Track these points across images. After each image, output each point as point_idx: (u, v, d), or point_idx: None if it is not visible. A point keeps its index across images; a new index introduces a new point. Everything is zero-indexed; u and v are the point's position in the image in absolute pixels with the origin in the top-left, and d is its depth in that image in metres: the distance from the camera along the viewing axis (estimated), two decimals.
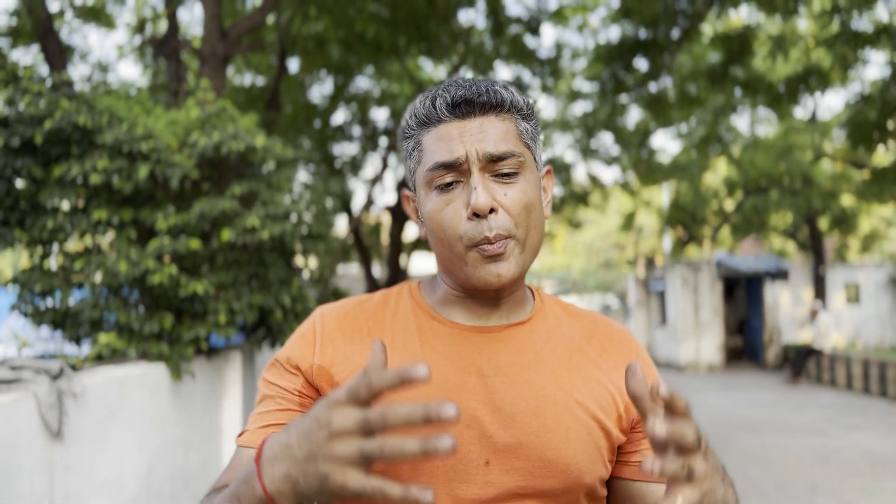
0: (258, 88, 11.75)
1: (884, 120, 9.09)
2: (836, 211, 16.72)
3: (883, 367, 11.59)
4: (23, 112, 4.47)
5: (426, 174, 0.95)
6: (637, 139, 14.97)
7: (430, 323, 1.00)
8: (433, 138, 0.95)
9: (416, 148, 0.98)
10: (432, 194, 0.95)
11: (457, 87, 0.95)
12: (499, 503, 0.90)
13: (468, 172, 0.93)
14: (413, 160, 0.99)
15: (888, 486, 6.01)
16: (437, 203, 0.94)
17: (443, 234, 0.94)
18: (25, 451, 3.13)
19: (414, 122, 0.97)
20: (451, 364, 0.95)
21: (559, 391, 0.95)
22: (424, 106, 0.96)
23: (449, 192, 0.94)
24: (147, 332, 4.50)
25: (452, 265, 0.96)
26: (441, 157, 0.93)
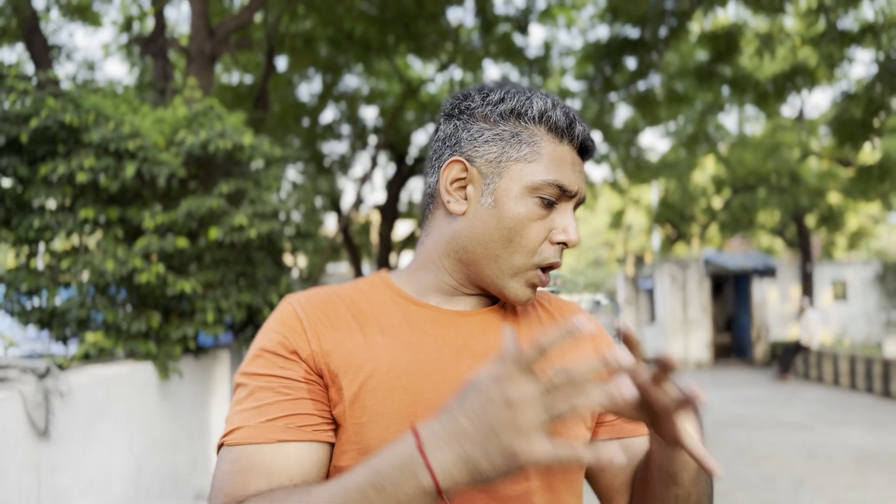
0: (246, 87, 11.72)
1: (869, 118, 9.15)
2: (824, 209, 16.84)
3: (869, 364, 11.68)
4: (8, 111, 4.45)
5: (539, 182, 0.95)
6: (625, 137, 15.02)
7: (414, 309, 1.00)
8: (556, 153, 0.97)
9: (528, 141, 0.97)
10: (531, 201, 0.96)
11: (585, 126, 0.99)
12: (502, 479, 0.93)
13: (567, 204, 0.99)
14: (515, 151, 0.96)
15: (873, 480, 6.07)
16: (533, 212, 0.96)
17: (520, 240, 0.96)
18: (12, 450, 3.12)
19: (538, 119, 0.97)
20: (446, 346, 0.97)
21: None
22: (560, 118, 0.97)
23: (547, 209, 0.97)
24: (134, 331, 4.49)
25: (497, 268, 0.97)
26: (564, 181, 0.96)
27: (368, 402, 0.91)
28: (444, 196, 0.99)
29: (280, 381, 0.91)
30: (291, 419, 0.89)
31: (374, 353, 0.93)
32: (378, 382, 0.91)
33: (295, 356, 0.92)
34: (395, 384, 0.92)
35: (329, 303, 0.99)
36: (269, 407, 0.89)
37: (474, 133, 0.99)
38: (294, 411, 0.89)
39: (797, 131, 15.27)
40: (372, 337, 0.95)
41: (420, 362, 0.94)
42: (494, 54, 11.38)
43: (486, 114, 0.98)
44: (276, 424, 0.88)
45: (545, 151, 0.96)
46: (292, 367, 0.92)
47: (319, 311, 0.97)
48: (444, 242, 1.01)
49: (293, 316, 0.96)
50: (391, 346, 0.94)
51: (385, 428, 0.89)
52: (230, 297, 4.92)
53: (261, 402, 0.89)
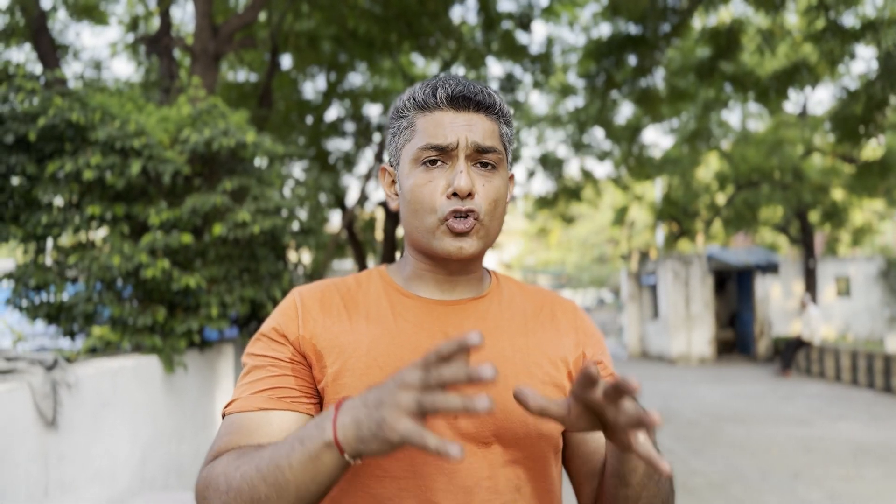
0: (250, 85, 11.80)
1: (870, 114, 9.19)
2: (827, 205, 16.83)
3: (870, 359, 11.72)
4: (16, 109, 4.54)
5: (416, 151, 1.05)
6: (628, 134, 15.06)
7: (400, 298, 1.11)
8: (428, 122, 1.05)
9: (408, 127, 1.08)
10: (417, 170, 1.05)
11: (456, 83, 1.06)
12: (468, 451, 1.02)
13: (455, 158, 1.04)
14: (402, 137, 1.09)
15: (869, 474, 6.13)
16: (420, 178, 1.05)
17: (419, 206, 1.05)
18: (20, 440, 3.22)
19: (411, 105, 1.08)
20: (423, 332, 1.07)
21: (517, 353, 1.08)
22: (424, 93, 1.06)
23: (433, 169, 1.05)
24: (140, 325, 4.59)
25: (421, 236, 1.07)
26: (434, 140, 1.04)
27: (347, 380, 1.02)
28: (387, 199, 1.14)
29: (269, 360, 1.05)
30: (274, 391, 1.02)
31: (356, 336, 1.05)
32: (357, 362, 1.03)
33: (284, 339, 1.06)
34: (372, 364, 1.02)
35: (327, 293, 1.12)
36: (259, 382, 1.03)
37: (388, 140, 1.14)
38: (277, 385, 1.03)
39: (800, 128, 15.27)
40: (357, 323, 1.07)
41: (397, 345, 1.04)
42: (497, 52, 11.43)
43: (389, 121, 1.12)
44: (261, 395, 1.02)
45: (419, 125, 1.06)
46: (280, 349, 1.06)
47: (316, 300, 1.11)
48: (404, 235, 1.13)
49: (292, 304, 1.10)
50: (373, 331, 1.06)
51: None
52: (234, 292, 5.01)
53: (253, 378, 1.04)
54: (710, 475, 6.16)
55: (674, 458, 6.81)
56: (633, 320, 19.52)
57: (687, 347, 16.92)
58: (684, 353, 16.90)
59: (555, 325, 1.15)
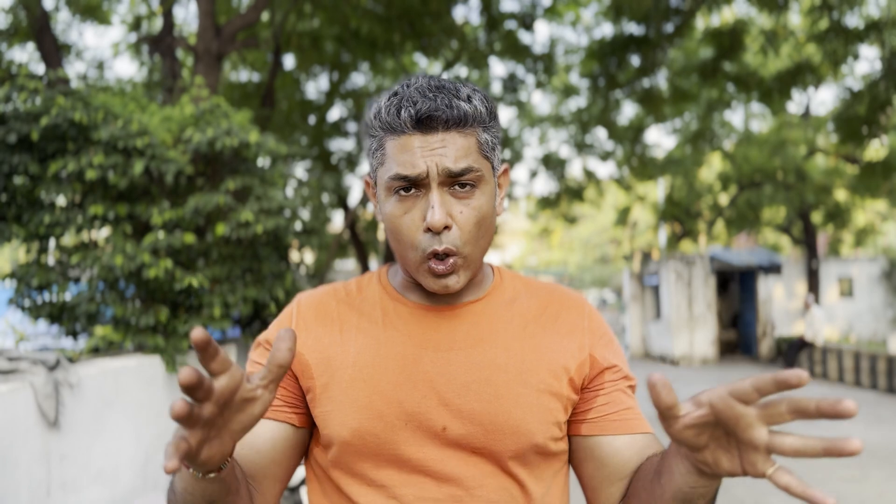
0: (253, 85, 11.81)
1: (873, 115, 9.17)
2: (830, 205, 16.81)
3: (873, 360, 11.69)
4: (19, 109, 4.54)
5: (388, 180, 0.98)
6: (631, 134, 15.05)
7: (393, 305, 1.09)
8: (396, 147, 0.97)
9: (378, 149, 1.01)
10: (392, 199, 0.99)
11: (422, 99, 0.96)
12: (457, 460, 1.00)
13: (427, 186, 0.97)
14: (376, 159, 1.02)
15: (873, 475, 6.11)
16: (395, 209, 0.99)
17: (400, 238, 1.00)
18: (23, 440, 3.21)
19: (377, 125, 1.00)
20: (410, 341, 1.04)
21: (510, 361, 1.04)
22: (389, 113, 0.97)
23: (407, 199, 0.98)
24: (143, 325, 4.58)
25: (408, 266, 1.03)
26: (403, 170, 0.96)
27: (333, 393, 1.02)
28: (375, 212, 1.08)
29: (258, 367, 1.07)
30: None
31: (345, 348, 1.05)
32: (343, 375, 1.02)
33: None
34: (357, 377, 1.02)
35: (324, 301, 1.11)
36: None
37: (365, 150, 1.06)
38: None
39: (803, 128, 15.25)
40: (347, 333, 1.06)
41: (382, 357, 1.03)
42: (500, 52, 11.43)
43: (365, 130, 1.04)
44: None
45: (388, 150, 0.99)
46: None
47: (312, 309, 1.10)
48: None
49: (289, 314, 1.11)
50: (361, 342, 1.05)
51: (345, 415, 1.00)
52: (237, 292, 5.01)
53: None
54: None
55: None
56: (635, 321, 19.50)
57: (689, 348, 16.89)
58: (687, 353, 16.87)
59: (557, 328, 1.09)
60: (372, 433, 1.00)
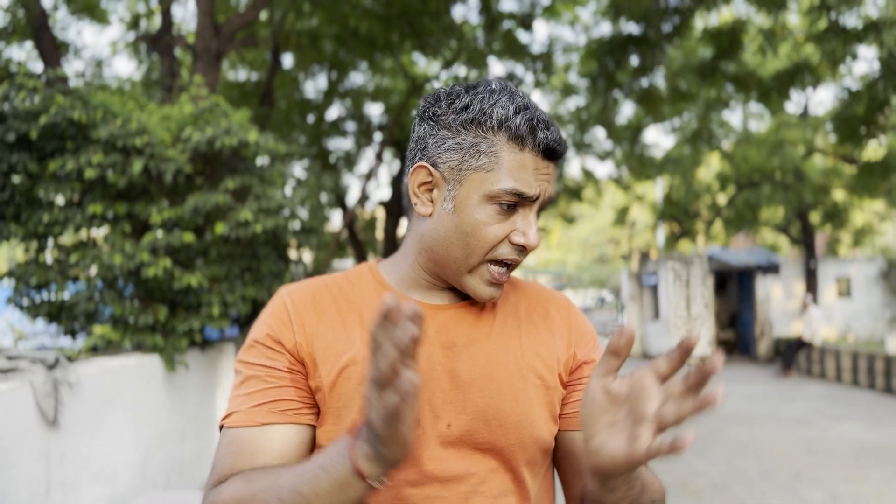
0: (252, 84, 11.80)
1: (871, 115, 9.18)
2: (828, 205, 16.83)
3: (871, 360, 11.71)
4: (18, 107, 4.53)
5: (497, 189, 0.98)
6: (629, 134, 15.05)
7: None
8: (516, 161, 0.98)
9: (487, 151, 0.99)
10: (490, 207, 0.99)
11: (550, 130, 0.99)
12: (461, 457, 1.01)
13: (528, 206, 1.01)
14: (475, 160, 0.99)
15: (871, 475, 6.12)
16: (488, 217, 0.99)
17: (476, 242, 1.00)
18: (22, 438, 3.21)
19: (498, 128, 0.99)
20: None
21: (510, 357, 1.06)
22: (519, 126, 0.98)
23: (506, 213, 1.00)
24: (142, 324, 4.58)
25: (456, 266, 1.03)
26: (523, 188, 0.98)
27: (344, 389, 1.00)
28: (413, 199, 1.05)
29: (266, 371, 1.01)
30: (275, 404, 0.99)
31: (351, 343, 1.02)
32: (353, 371, 1.00)
33: (280, 347, 1.02)
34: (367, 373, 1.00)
35: (317, 294, 1.08)
36: (257, 394, 1.00)
37: (438, 140, 1.02)
38: (277, 397, 1.00)
39: (802, 128, 15.27)
40: (352, 328, 1.04)
41: None
42: (499, 51, 11.42)
43: (449, 122, 1.01)
44: (261, 409, 0.99)
45: (504, 160, 0.98)
46: (277, 358, 1.02)
47: (307, 301, 1.06)
48: (417, 240, 1.07)
49: (282, 308, 1.05)
50: (366, 338, 1.02)
51: (351, 411, 0.99)
52: (236, 292, 5.00)
53: (251, 389, 1.01)
54: (713, 476, 6.15)
55: (675, 458, 6.80)
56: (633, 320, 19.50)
57: None
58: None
59: (548, 325, 1.13)
60: None
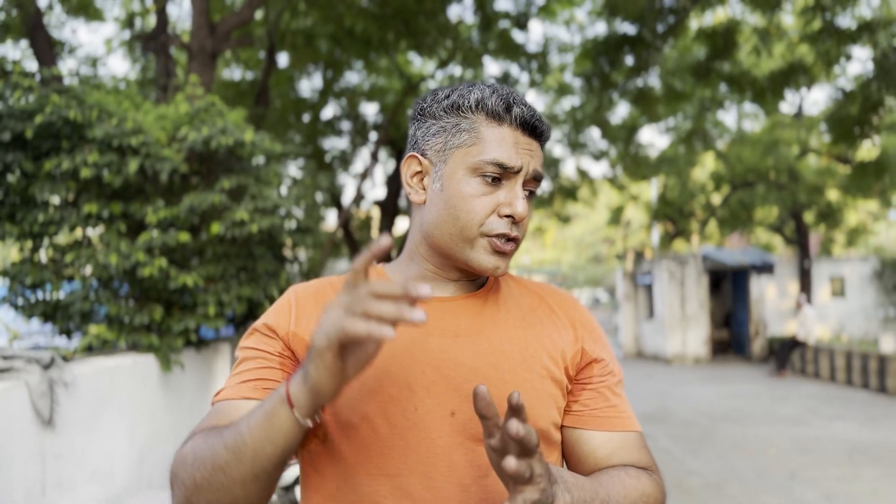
0: (247, 83, 11.78)
1: (865, 115, 9.21)
2: (822, 205, 16.88)
3: (865, 359, 11.76)
4: (13, 107, 4.52)
5: (478, 161, 1.04)
6: (624, 134, 15.08)
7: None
8: (496, 136, 1.05)
9: (469, 130, 1.06)
10: (474, 180, 1.05)
11: (525, 104, 1.07)
12: (464, 449, 1.02)
13: (513, 180, 1.06)
14: (457, 139, 1.07)
15: (865, 474, 6.15)
16: (474, 189, 1.05)
17: (466, 215, 1.05)
18: (17, 438, 3.20)
19: (476, 108, 1.06)
20: (417, 329, 1.05)
21: (514, 348, 1.08)
22: (496, 103, 1.05)
23: (489, 185, 1.05)
24: (137, 323, 4.57)
25: (453, 243, 1.07)
26: (504, 158, 1.04)
27: None
28: (406, 189, 1.12)
29: (258, 353, 1.07)
30: (259, 382, 1.04)
31: None
32: None
33: (274, 334, 1.08)
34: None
35: (321, 290, 1.13)
36: (246, 373, 1.05)
37: (424, 129, 1.11)
38: (263, 376, 1.04)
39: (796, 128, 15.31)
40: None
41: (391, 342, 1.01)
42: (494, 51, 11.43)
43: (433, 111, 1.10)
44: (247, 385, 1.03)
45: (484, 135, 1.06)
46: (270, 343, 1.07)
47: (311, 296, 1.11)
48: (418, 232, 1.13)
49: (287, 302, 1.11)
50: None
51: (356, 399, 1.01)
52: (231, 291, 5.00)
53: (242, 369, 1.06)
54: (707, 475, 6.17)
55: (670, 458, 6.82)
56: (628, 320, 19.54)
57: (682, 347, 16.95)
58: (679, 352, 16.93)
59: (553, 320, 1.15)
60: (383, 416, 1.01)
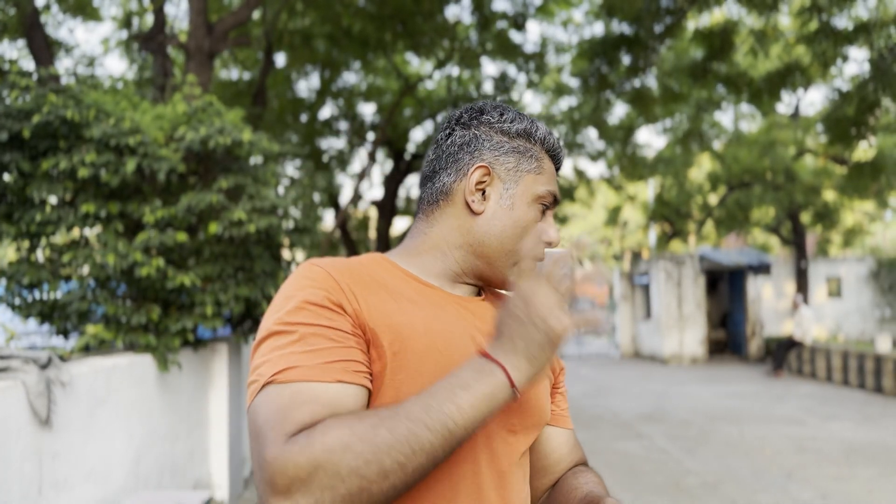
0: (245, 83, 11.78)
1: (862, 116, 9.23)
2: (819, 206, 16.92)
3: (861, 359, 11.79)
4: (10, 106, 4.51)
5: (543, 192, 1.15)
6: (621, 134, 15.09)
7: (425, 288, 1.11)
8: (550, 172, 1.18)
9: (536, 159, 1.16)
10: (535, 207, 1.15)
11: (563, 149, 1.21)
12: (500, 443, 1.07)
13: (551, 210, 1.18)
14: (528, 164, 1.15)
15: (861, 473, 6.17)
16: (536, 216, 1.15)
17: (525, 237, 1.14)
18: (14, 438, 3.20)
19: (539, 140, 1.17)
20: (459, 323, 1.08)
21: None
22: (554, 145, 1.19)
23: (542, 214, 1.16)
24: (134, 323, 4.57)
25: (503, 258, 1.14)
26: (555, 191, 1.17)
27: (408, 360, 0.99)
28: (468, 196, 1.12)
29: (331, 331, 0.95)
30: (348, 364, 0.94)
31: (408, 317, 1.02)
32: (416, 343, 1.00)
33: (340, 310, 0.97)
34: (431, 346, 1.01)
35: (354, 270, 1.05)
36: (324, 352, 0.93)
37: (495, 144, 1.15)
38: (349, 357, 0.95)
39: (792, 129, 15.35)
40: (403, 304, 1.04)
41: (450, 329, 1.05)
42: (491, 51, 11.44)
43: (504, 129, 1.16)
44: (334, 367, 0.92)
45: (546, 168, 1.17)
46: (340, 320, 0.97)
47: (349, 275, 1.03)
48: (459, 236, 1.13)
49: (327, 276, 1.01)
50: (422, 313, 1.04)
51: (421, 385, 0.94)
52: (229, 291, 4.99)
53: (313, 346, 0.93)
54: (704, 475, 6.18)
55: (667, 457, 6.84)
56: (625, 320, 19.56)
57: (679, 347, 16.97)
58: (676, 352, 16.95)
59: None
60: None
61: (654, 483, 5.95)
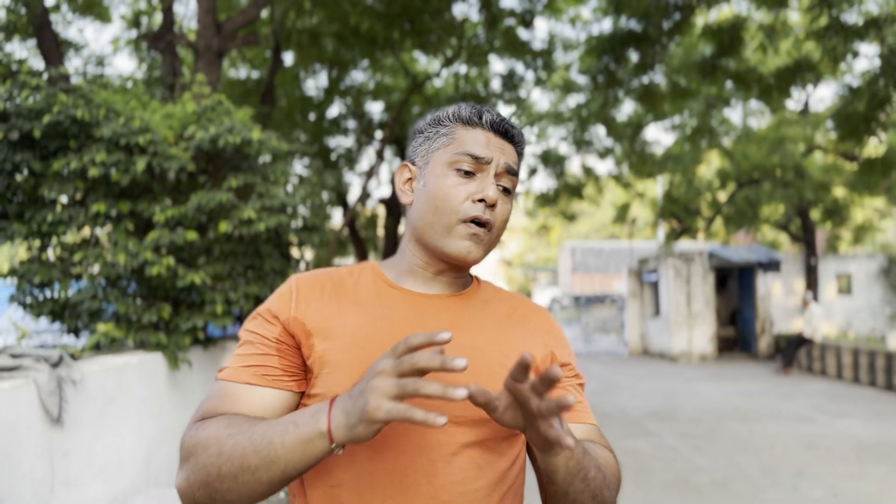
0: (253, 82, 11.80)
1: (872, 112, 9.18)
2: (828, 202, 16.83)
3: (872, 356, 11.73)
4: (21, 106, 4.54)
5: (453, 156, 1.18)
6: (630, 131, 15.05)
7: (387, 290, 1.23)
8: (469, 135, 1.20)
9: (447, 135, 1.21)
10: (450, 173, 1.18)
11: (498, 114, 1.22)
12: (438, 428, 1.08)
13: (486, 172, 1.19)
14: (437, 143, 1.22)
15: (872, 471, 6.14)
16: (451, 180, 1.18)
17: (444, 203, 1.17)
18: (26, 436, 3.22)
19: (454, 118, 1.22)
20: (404, 320, 1.18)
21: (492, 346, 1.20)
22: (469, 112, 1.21)
23: (465, 178, 1.18)
24: (145, 322, 4.59)
25: (434, 231, 1.19)
26: (475, 150, 1.18)
27: (332, 357, 1.13)
28: (398, 192, 1.27)
29: (258, 338, 1.16)
30: (260, 369, 1.13)
31: (344, 319, 1.16)
32: (342, 342, 1.14)
33: (275, 320, 1.17)
34: (354, 344, 1.13)
35: (320, 279, 1.23)
36: (247, 357, 1.15)
37: (414, 143, 1.27)
38: (262, 363, 1.14)
39: (802, 125, 15.26)
40: (346, 307, 1.18)
41: (378, 329, 1.15)
42: (499, 49, 11.43)
43: (420, 128, 1.26)
44: (248, 370, 1.13)
45: (459, 135, 1.21)
46: (270, 329, 1.16)
47: (310, 284, 1.21)
48: (408, 230, 1.26)
49: (288, 289, 1.21)
50: (359, 316, 1.17)
51: (342, 377, 1.10)
52: (238, 289, 5.02)
53: (244, 352, 1.16)
54: (713, 472, 6.17)
55: (676, 455, 6.83)
56: (634, 317, 19.52)
57: (688, 345, 16.93)
58: (685, 350, 16.91)
59: (525, 326, 1.28)
60: None
61: (663, 481, 5.95)
